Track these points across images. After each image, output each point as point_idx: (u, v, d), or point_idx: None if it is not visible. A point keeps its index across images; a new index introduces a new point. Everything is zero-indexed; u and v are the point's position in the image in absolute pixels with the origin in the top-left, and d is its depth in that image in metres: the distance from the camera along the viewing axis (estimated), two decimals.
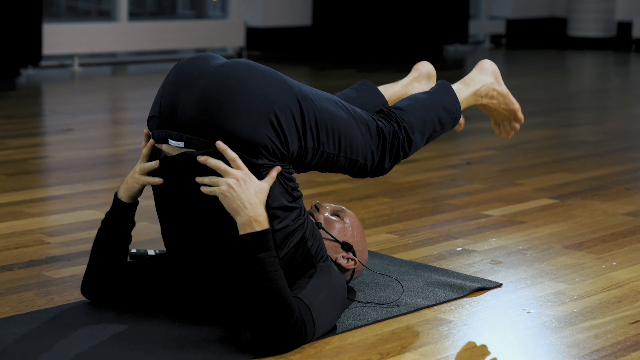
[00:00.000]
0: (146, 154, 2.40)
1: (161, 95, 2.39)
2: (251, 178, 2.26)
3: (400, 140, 2.60)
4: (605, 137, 5.59)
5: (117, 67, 8.70)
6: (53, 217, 3.57)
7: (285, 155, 2.33)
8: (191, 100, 2.32)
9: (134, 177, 2.43)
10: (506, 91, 2.92)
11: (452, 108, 2.77)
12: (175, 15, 10.10)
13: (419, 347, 2.34)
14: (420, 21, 10.07)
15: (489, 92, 2.88)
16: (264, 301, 2.22)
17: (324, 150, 2.42)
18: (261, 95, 2.30)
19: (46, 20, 8.03)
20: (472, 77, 2.89)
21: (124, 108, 6.99)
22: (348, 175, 2.59)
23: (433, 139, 2.76)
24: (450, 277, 2.85)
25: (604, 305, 2.67)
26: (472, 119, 6.40)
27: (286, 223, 2.34)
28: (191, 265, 2.41)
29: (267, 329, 2.22)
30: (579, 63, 10.38)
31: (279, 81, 2.36)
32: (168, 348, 2.27)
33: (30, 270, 2.87)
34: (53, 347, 2.26)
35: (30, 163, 4.54)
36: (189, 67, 2.38)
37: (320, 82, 7.89)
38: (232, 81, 2.31)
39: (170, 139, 2.33)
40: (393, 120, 2.62)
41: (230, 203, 2.25)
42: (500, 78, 2.92)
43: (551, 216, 3.65)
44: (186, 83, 2.35)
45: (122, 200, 2.47)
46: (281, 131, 2.30)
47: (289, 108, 2.33)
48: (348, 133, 2.47)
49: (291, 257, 2.37)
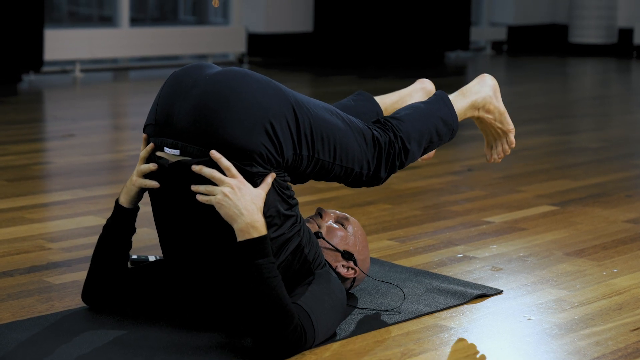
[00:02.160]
0: (144, 156, 2.41)
1: (157, 103, 2.40)
2: (246, 185, 2.27)
3: (397, 149, 2.60)
4: (607, 144, 5.59)
5: (118, 73, 8.71)
6: (54, 223, 3.57)
7: (280, 163, 2.33)
8: (186, 108, 2.32)
9: (132, 181, 2.44)
10: (503, 109, 2.89)
11: (450, 119, 2.75)
12: (176, 21, 10.10)
13: (420, 354, 2.34)
14: (421, 27, 10.08)
15: (486, 105, 2.85)
16: (263, 307, 2.22)
17: (319, 158, 2.42)
18: (256, 104, 2.31)
19: (48, 25, 8.04)
20: (470, 88, 2.86)
21: (125, 114, 6.99)
22: (344, 184, 2.59)
23: (430, 150, 2.75)
24: (451, 284, 2.85)
25: (604, 312, 2.67)
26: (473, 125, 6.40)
27: (282, 231, 2.35)
28: (189, 271, 2.41)
29: (267, 334, 2.22)
30: (580, 70, 10.38)
31: (274, 89, 2.36)
32: (168, 354, 2.27)
33: (31, 276, 2.87)
34: (54, 352, 2.26)
35: (31, 169, 4.54)
36: (183, 77, 2.38)
37: (321, 89, 7.90)
38: (227, 89, 2.31)
39: (166, 146, 2.34)
40: (389, 130, 2.62)
41: (226, 211, 2.26)
42: (499, 95, 2.89)
43: (552, 223, 3.65)
44: (181, 92, 2.35)
45: (123, 206, 2.47)
46: (276, 139, 2.30)
47: (284, 116, 2.33)
48: (343, 141, 2.47)
49: (288, 264, 2.38)
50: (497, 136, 2.92)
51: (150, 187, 2.40)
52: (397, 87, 3.07)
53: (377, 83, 8.27)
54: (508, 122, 2.89)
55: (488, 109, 2.85)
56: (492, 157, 2.95)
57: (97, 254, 2.50)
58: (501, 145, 2.93)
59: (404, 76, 8.84)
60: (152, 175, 2.39)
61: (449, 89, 2.94)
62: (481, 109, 2.85)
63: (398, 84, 3.10)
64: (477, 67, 10.50)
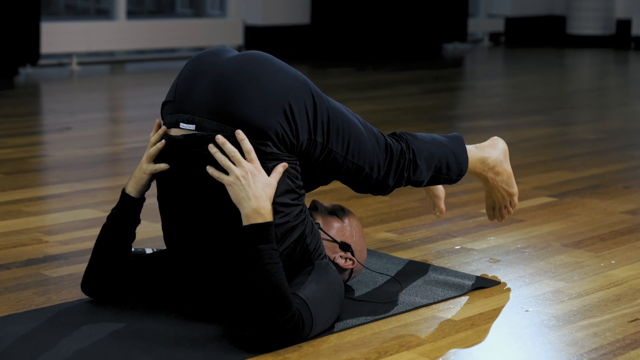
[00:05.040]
0: (155, 140, 2.42)
1: (177, 82, 2.43)
2: (261, 173, 2.29)
3: (407, 160, 2.66)
4: (604, 135, 5.59)
5: (115, 66, 8.70)
6: (51, 216, 3.56)
7: (294, 146, 2.36)
8: (206, 85, 2.36)
9: (142, 168, 2.45)
10: (511, 172, 2.98)
11: (461, 159, 2.82)
12: (173, 13, 10.09)
13: (417, 346, 2.34)
14: (419, 19, 10.07)
15: (496, 167, 2.94)
16: (262, 293, 2.22)
17: (332, 148, 2.45)
18: (277, 84, 2.35)
19: (44, 19, 8.03)
20: (483, 147, 2.95)
21: (123, 107, 6.98)
22: (352, 186, 2.62)
23: (434, 181, 2.80)
24: (448, 276, 2.85)
25: (602, 303, 2.67)
26: (471, 117, 6.40)
27: (287, 219, 2.36)
28: (191, 258, 2.41)
29: (264, 322, 2.22)
30: (578, 61, 10.38)
31: (295, 74, 2.42)
32: (165, 347, 2.27)
33: (28, 269, 2.86)
34: (51, 345, 2.26)
35: (28, 162, 4.53)
36: (206, 57, 2.43)
37: (319, 81, 7.89)
38: (248, 68, 2.36)
39: (182, 122, 2.36)
40: (403, 141, 2.68)
41: (236, 193, 2.27)
42: (508, 158, 2.98)
43: (550, 214, 3.65)
44: (203, 70, 2.39)
45: (130, 195, 2.48)
46: (293, 120, 2.34)
47: (303, 99, 2.37)
48: (357, 138, 2.51)
49: (290, 252, 2.38)
50: (502, 198, 3.00)
51: (161, 171, 2.41)
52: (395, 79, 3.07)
53: (374, 75, 8.26)
54: (514, 184, 2.99)
55: (497, 171, 2.94)
56: (493, 218, 3.06)
57: (100, 243, 2.51)
58: (504, 207, 3.02)
59: (401, 68, 8.84)
60: (162, 156, 2.40)
61: (446, 80, 2.94)
62: (490, 170, 2.93)
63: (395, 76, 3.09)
64: (474, 58, 10.50)
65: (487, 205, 3.06)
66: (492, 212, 3.05)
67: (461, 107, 7.08)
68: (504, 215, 3.04)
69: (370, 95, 6.91)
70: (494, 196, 3.01)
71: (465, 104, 7.28)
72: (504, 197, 3.00)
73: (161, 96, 2.68)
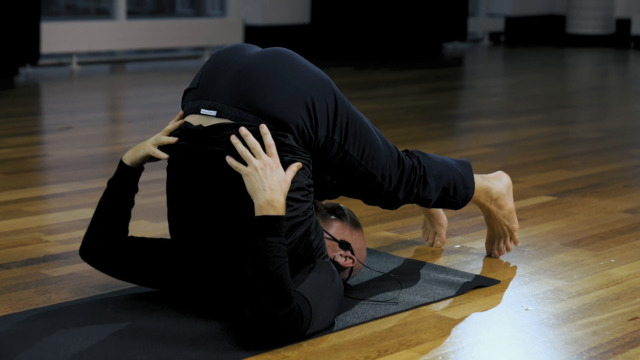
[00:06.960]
0: (170, 128, 2.45)
1: (202, 71, 2.47)
2: (279, 168, 2.32)
3: (417, 176, 2.70)
4: (604, 134, 5.59)
5: (115, 66, 8.70)
6: (51, 216, 3.57)
7: (312, 140, 2.39)
8: (231, 75, 2.40)
9: (145, 144, 2.47)
10: (513, 207, 3.00)
11: (468, 184, 2.85)
12: (174, 13, 10.09)
13: (417, 345, 2.34)
14: (419, 18, 10.07)
15: (499, 200, 2.96)
16: (265, 285, 2.23)
17: (348, 150, 2.49)
18: (301, 79, 2.40)
19: (45, 18, 8.03)
20: (489, 178, 2.98)
21: (123, 106, 6.98)
22: (362, 195, 2.65)
23: (440, 203, 2.82)
24: (448, 275, 2.85)
25: (602, 302, 2.67)
26: (471, 116, 6.40)
27: (296, 213, 2.39)
28: (196, 251, 2.42)
29: (263, 314, 2.22)
30: (578, 60, 10.38)
31: (319, 73, 2.47)
32: (166, 345, 2.27)
33: (28, 269, 2.87)
34: (51, 345, 2.26)
35: (28, 161, 4.54)
36: (232, 50, 2.49)
37: None
38: (274, 62, 2.42)
39: (203, 108, 2.39)
40: (415, 158, 2.73)
41: (253, 183, 2.29)
42: (512, 194, 3.01)
43: (549, 213, 3.65)
44: (229, 61, 2.44)
45: (125, 164, 2.50)
46: (314, 115, 2.39)
47: (325, 98, 2.42)
48: (373, 146, 2.55)
49: (294, 248, 2.40)
50: (502, 233, 3.02)
51: (158, 158, 2.44)
52: (395, 78, 3.07)
53: (374, 75, 8.26)
54: (515, 220, 3.01)
55: (500, 204, 2.97)
56: (492, 252, 3.06)
57: (100, 208, 2.54)
58: (504, 242, 3.04)
59: (401, 67, 8.84)
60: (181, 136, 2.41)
61: (447, 80, 2.94)
62: (493, 202, 2.96)
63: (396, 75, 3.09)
64: (474, 58, 10.50)
65: (487, 239, 3.06)
66: (492, 245, 3.06)
67: (461, 107, 7.08)
68: (502, 250, 3.04)
69: (371, 95, 6.91)
70: (495, 229, 3.02)
71: (466, 103, 7.28)
72: (504, 231, 3.01)
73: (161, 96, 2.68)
